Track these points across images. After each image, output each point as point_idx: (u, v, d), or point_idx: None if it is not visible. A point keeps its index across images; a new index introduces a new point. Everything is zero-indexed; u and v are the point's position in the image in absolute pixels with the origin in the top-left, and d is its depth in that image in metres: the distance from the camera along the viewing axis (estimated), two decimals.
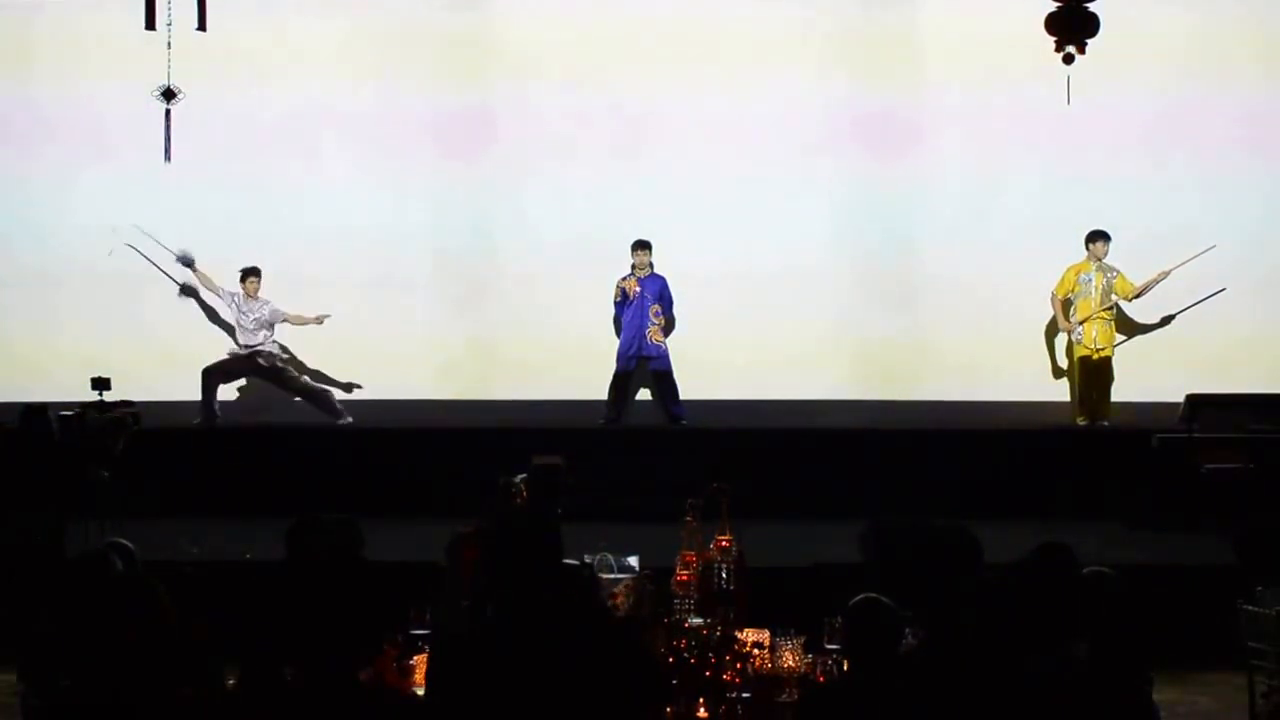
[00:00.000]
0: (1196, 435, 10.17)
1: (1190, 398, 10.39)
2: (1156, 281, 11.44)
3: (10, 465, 8.31)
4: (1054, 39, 7.35)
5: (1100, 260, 11.37)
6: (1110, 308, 11.39)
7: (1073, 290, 11.39)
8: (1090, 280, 11.36)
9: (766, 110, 12.10)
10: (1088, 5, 7.32)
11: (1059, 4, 7.38)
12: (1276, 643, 6.29)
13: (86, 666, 4.38)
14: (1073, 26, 7.33)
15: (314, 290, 11.73)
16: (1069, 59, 7.42)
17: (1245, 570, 7.67)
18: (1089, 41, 7.29)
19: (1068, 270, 11.42)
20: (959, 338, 11.90)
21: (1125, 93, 11.65)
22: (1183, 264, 11.37)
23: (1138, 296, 11.47)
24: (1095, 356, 11.33)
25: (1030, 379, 12.02)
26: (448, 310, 12.23)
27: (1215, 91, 11.87)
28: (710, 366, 11.71)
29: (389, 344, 11.95)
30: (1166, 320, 11.85)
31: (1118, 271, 11.39)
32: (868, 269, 12.14)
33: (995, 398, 11.75)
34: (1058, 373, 11.99)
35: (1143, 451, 10.31)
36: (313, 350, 11.98)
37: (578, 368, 11.74)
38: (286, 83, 12.06)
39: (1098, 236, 11.37)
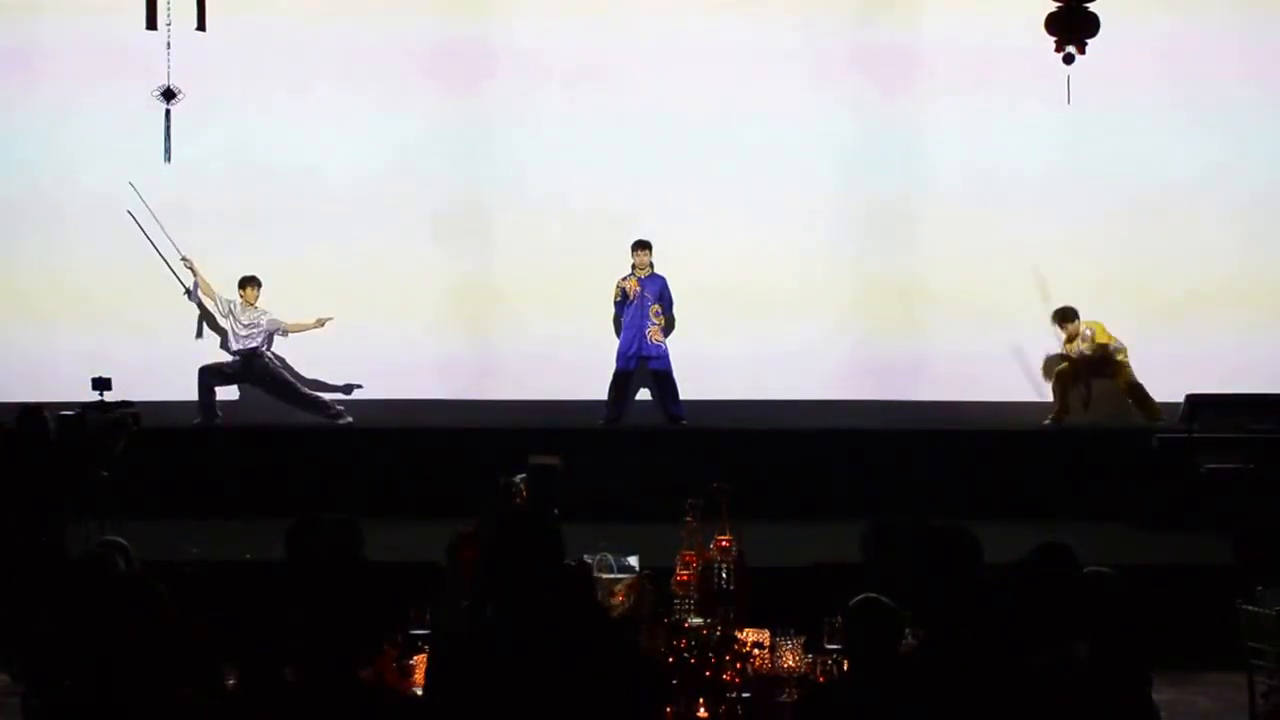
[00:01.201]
0: (1196, 435, 10.17)
1: (1190, 398, 10.40)
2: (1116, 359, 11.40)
3: (7, 466, 8.30)
4: (1054, 39, 7.36)
5: (1079, 333, 11.37)
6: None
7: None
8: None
9: (767, 110, 12.09)
10: (1087, 5, 7.32)
11: (1059, 4, 7.39)
12: (1276, 643, 6.29)
13: (87, 666, 4.39)
14: (1073, 27, 7.33)
15: (314, 291, 11.72)
16: (1069, 59, 7.43)
17: (1245, 570, 7.68)
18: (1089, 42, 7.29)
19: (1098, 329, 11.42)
20: (959, 338, 11.88)
21: (1125, 81, 11.67)
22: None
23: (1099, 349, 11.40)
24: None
25: (1030, 379, 12.01)
26: (448, 310, 12.22)
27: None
28: (710, 366, 11.71)
29: (389, 344, 11.94)
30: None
31: (1092, 330, 11.35)
32: (868, 270, 12.13)
33: (995, 398, 11.75)
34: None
35: (1143, 451, 10.31)
36: (313, 350, 11.97)
37: (578, 368, 11.74)
38: (286, 82, 12.06)
39: (1068, 315, 11.36)
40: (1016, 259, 11.85)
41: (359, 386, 12.01)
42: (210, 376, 11.50)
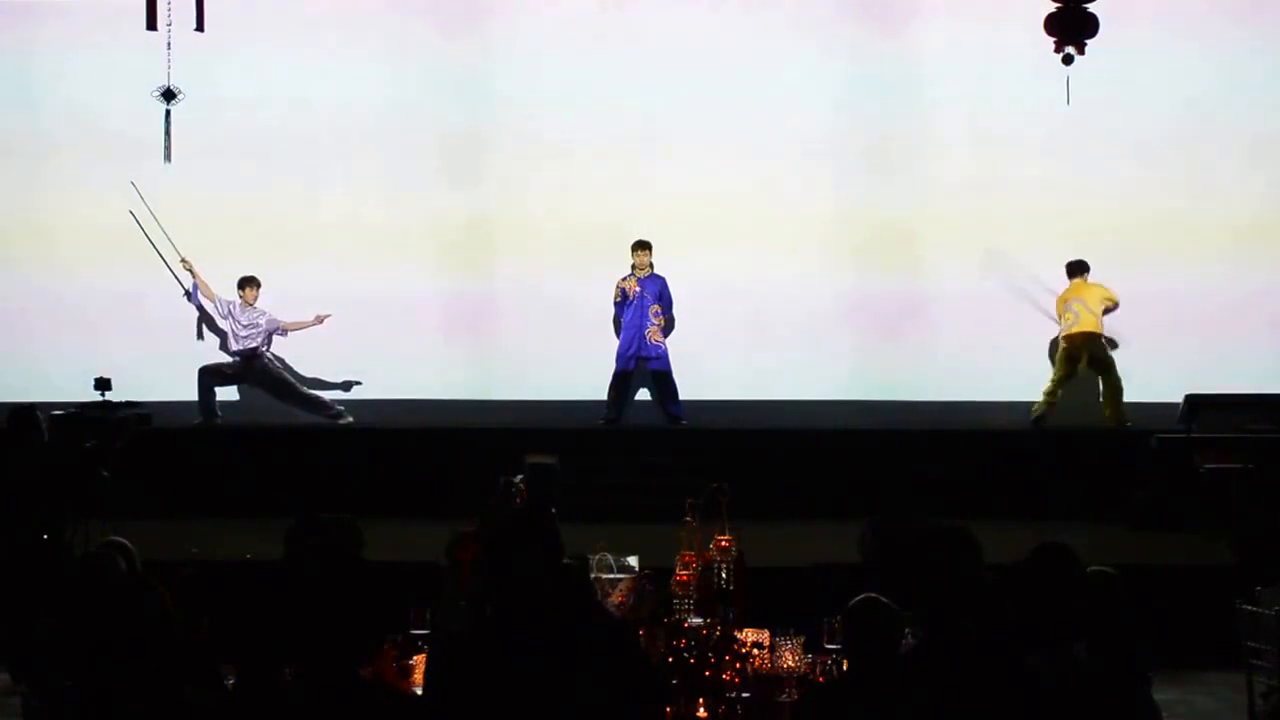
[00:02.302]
0: (1195, 435, 10.18)
1: (1189, 398, 10.40)
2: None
3: (3, 467, 8.29)
4: (1053, 40, 7.36)
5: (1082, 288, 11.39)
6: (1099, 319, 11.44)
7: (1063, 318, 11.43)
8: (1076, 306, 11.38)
9: (766, 111, 12.10)
10: (1086, 6, 7.33)
11: (1058, 5, 7.39)
12: (1276, 643, 6.29)
13: (87, 667, 4.39)
14: (1072, 27, 7.34)
15: (314, 291, 11.72)
16: (1068, 60, 7.44)
17: (1244, 570, 7.68)
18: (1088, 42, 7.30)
19: (1058, 302, 11.42)
20: (959, 338, 11.89)
21: (1125, 84, 11.67)
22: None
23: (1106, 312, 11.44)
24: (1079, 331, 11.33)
25: (1030, 379, 12.00)
26: (448, 310, 12.22)
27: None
28: (710, 366, 11.72)
29: (389, 344, 11.95)
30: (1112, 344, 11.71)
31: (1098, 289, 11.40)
32: (868, 270, 12.14)
33: (995, 398, 11.75)
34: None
35: (1142, 451, 10.31)
36: (313, 351, 11.98)
37: (578, 368, 11.74)
38: (286, 82, 12.07)
39: (1079, 268, 11.36)
40: (1018, 258, 11.85)
41: (358, 383, 12.02)
42: (210, 377, 11.50)
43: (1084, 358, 11.29)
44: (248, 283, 11.57)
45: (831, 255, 12.14)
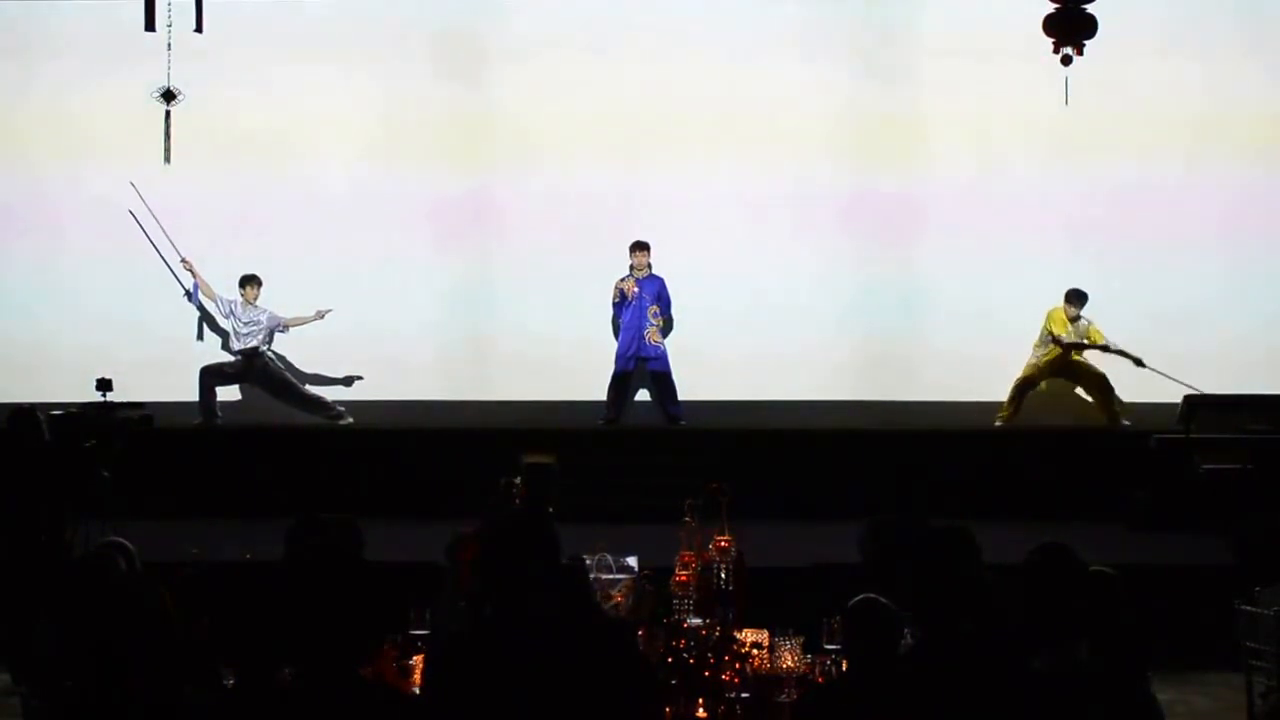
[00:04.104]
0: (1194, 436, 10.18)
1: (1188, 398, 10.40)
2: (1127, 357, 11.40)
3: (2, 467, 8.29)
4: (1052, 40, 7.36)
5: (1078, 315, 11.40)
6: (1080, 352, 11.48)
7: (1046, 339, 11.42)
8: (1064, 339, 11.40)
9: (766, 110, 12.10)
10: (1085, 6, 7.33)
11: (1056, 5, 7.40)
12: (1275, 643, 6.30)
13: (87, 667, 4.40)
14: (1070, 28, 7.35)
15: (313, 291, 11.72)
16: (1067, 60, 7.44)
17: (1243, 570, 7.68)
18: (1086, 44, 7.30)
19: (1049, 317, 11.42)
20: (958, 338, 11.89)
21: (1122, 94, 11.67)
22: (1156, 370, 11.27)
23: (1101, 349, 11.45)
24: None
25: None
26: (448, 310, 12.23)
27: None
28: (710, 366, 11.72)
29: (389, 344, 11.96)
30: (1139, 363, 11.74)
31: (1090, 321, 11.42)
32: (868, 269, 12.15)
33: (995, 398, 11.75)
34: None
35: (1142, 452, 10.32)
36: (312, 351, 11.99)
37: (578, 368, 11.75)
38: (285, 82, 12.07)
39: (1076, 297, 11.38)
40: (1017, 258, 11.85)
41: (359, 378, 12.01)
42: (210, 377, 11.51)
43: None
44: (249, 281, 11.57)
45: (833, 256, 12.14)
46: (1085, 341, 11.47)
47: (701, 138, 12.06)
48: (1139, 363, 11.41)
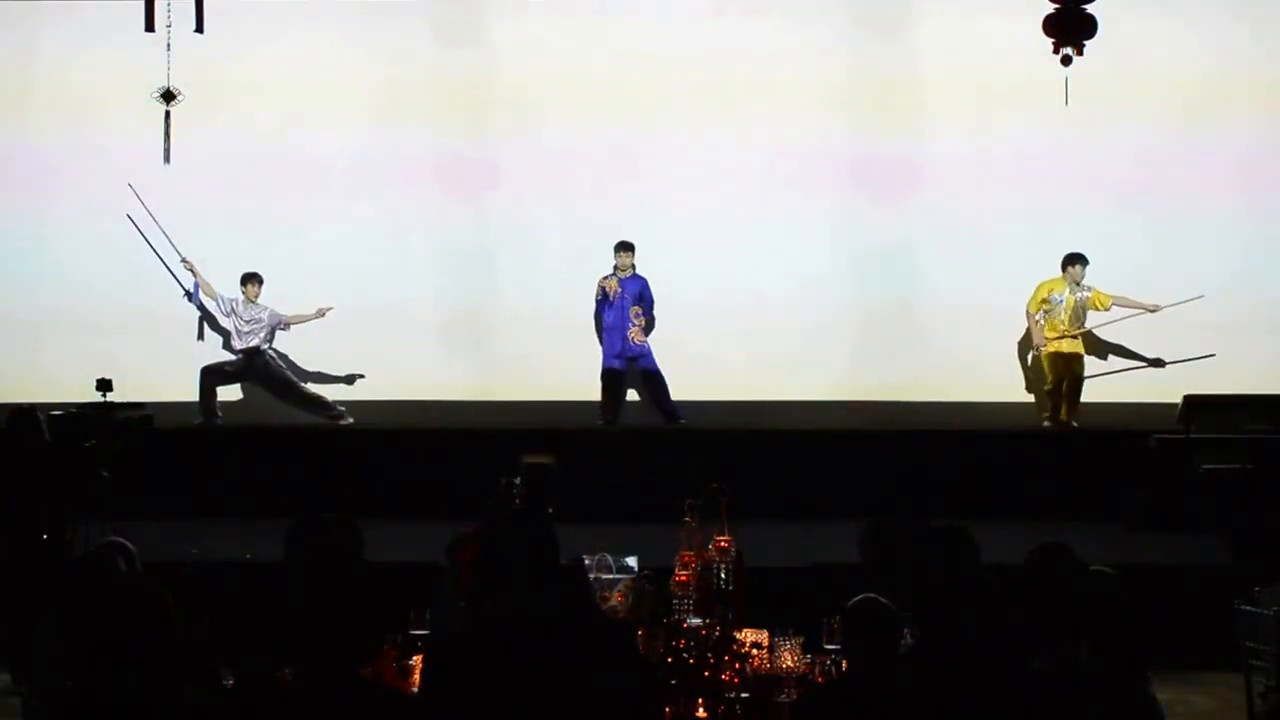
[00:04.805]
0: (1194, 436, 10.18)
1: (1188, 398, 10.39)
2: (1142, 308, 11.41)
3: (2, 467, 8.29)
4: (1052, 41, 7.36)
5: (1076, 282, 11.36)
6: (1077, 335, 11.38)
7: (1043, 307, 11.39)
8: (1061, 301, 11.35)
9: (765, 110, 12.10)
10: (1085, 7, 7.33)
11: (1056, 6, 7.40)
12: (1274, 643, 6.29)
13: (87, 667, 4.39)
14: (1070, 28, 7.34)
15: (314, 290, 11.72)
16: (1067, 60, 7.44)
17: (1243, 570, 7.68)
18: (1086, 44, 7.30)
19: (1040, 285, 11.42)
20: (958, 338, 11.89)
21: (1121, 98, 11.66)
22: (1173, 305, 11.31)
23: (1116, 306, 11.44)
24: (1065, 351, 11.33)
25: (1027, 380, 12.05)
26: (448, 310, 12.23)
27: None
28: (709, 366, 11.72)
29: (389, 344, 11.96)
30: (1158, 363, 11.77)
31: (1091, 289, 11.37)
32: (867, 269, 12.15)
33: (995, 398, 11.76)
34: (1029, 383, 11.96)
35: (1142, 452, 10.31)
36: (312, 351, 11.99)
37: (578, 368, 11.74)
38: (285, 82, 12.08)
39: (1075, 260, 11.34)
40: (1017, 258, 11.84)
41: (361, 376, 12.01)
42: (211, 377, 11.50)
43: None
44: (250, 279, 11.56)
45: (832, 255, 12.14)
46: (1083, 316, 11.34)
47: (704, 137, 12.05)
48: (1158, 363, 11.44)
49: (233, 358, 11.67)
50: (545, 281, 12.08)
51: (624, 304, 11.44)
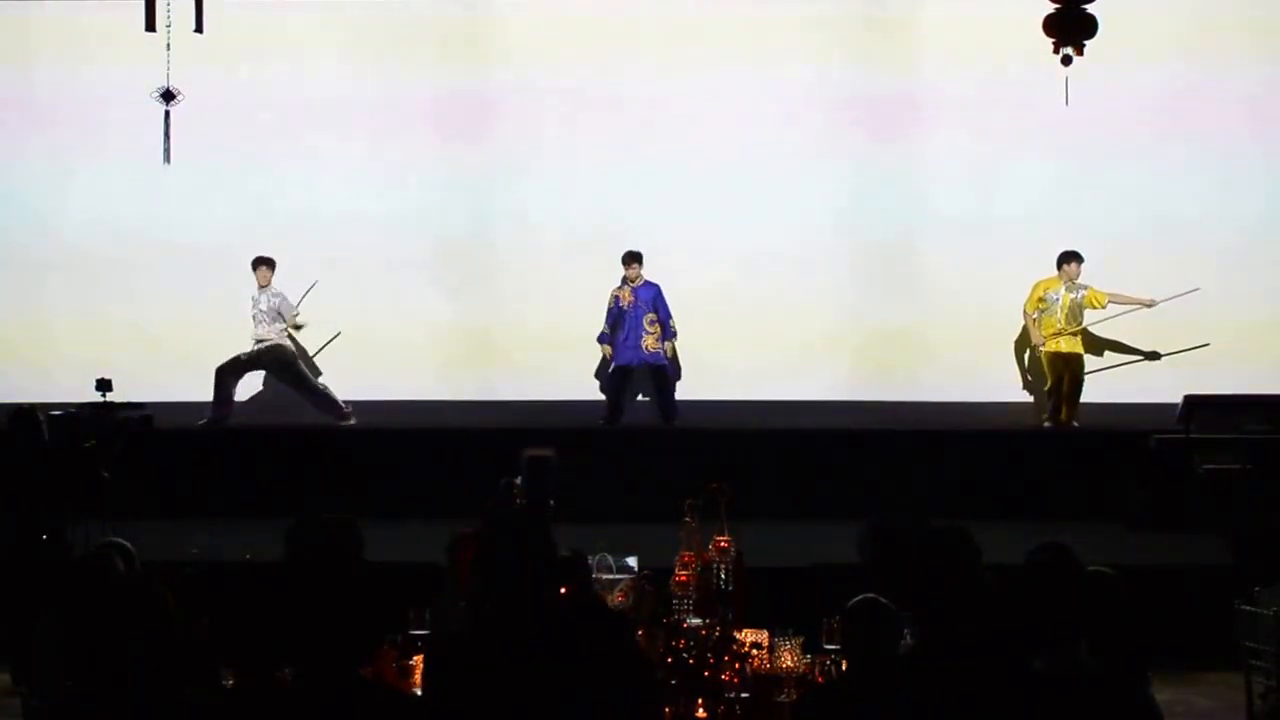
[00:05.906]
0: (1194, 436, 10.18)
1: (1188, 398, 10.40)
2: (1139, 304, 11.41)
3: (2, 467, 8.30)
4: (1052, 41, 7.36)
5: (1072, 280, 11.35)
6: (1076, 332, 11.37)
7: (1039, 306, 11.39)
8: (1057, 300, 11.34)
9: (765, 110, 12.11)
10: (1085, 7, 7.33)
11: (1056, 5, 7.39)
12: (1274, 643, 6.30)
13: (87, 667, 4.40)
14: (1070, 28, 7.34)
15: (313, 291, 11.72)
16: (1067, 60, 7.44)
17: (1243, 570, 7.68)
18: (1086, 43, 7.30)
19: (1036, 284, 11.42)
20: (959, 338, 11.90)
21: (1124, 85, 11.64)
22: (1169, 299, 11.32)
23: (1111, 303, 11.43)
24: (1064, 351, 11.33)
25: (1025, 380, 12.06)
26: (448, 310, 12.24)
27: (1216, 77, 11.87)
28: (709, 366, 11.73)
29: (389, 344, 11.96)
30: (1154, 356, 11.77)
31: (1087, 287, 11.36)
32: (868, 270, 12.16)
33: (995, 398, 11.76)
34: (1026, 383, 11.98)
35: (1141, 452, 10.32)
36: (312, 350, 12.02)
37: (578, 368, 11.75)
38: (284, 78, 12.08)
39: (1070, 258, 11.33)
40: (1016, 257, 11.85)
41: (337, 335, 11.90)
42: (225, 374, 11.31)
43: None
44: (261, 262, 11.45)
45: (832, 255, 12.15)
46: (1079, 314, 11.33)
47: (703, 137, 12.06)
48: (1154, 356, 11.44)
49: (250, 344, 11.54)
50: (546, 282, 12.07)
51: (638, 313, 11.41)
